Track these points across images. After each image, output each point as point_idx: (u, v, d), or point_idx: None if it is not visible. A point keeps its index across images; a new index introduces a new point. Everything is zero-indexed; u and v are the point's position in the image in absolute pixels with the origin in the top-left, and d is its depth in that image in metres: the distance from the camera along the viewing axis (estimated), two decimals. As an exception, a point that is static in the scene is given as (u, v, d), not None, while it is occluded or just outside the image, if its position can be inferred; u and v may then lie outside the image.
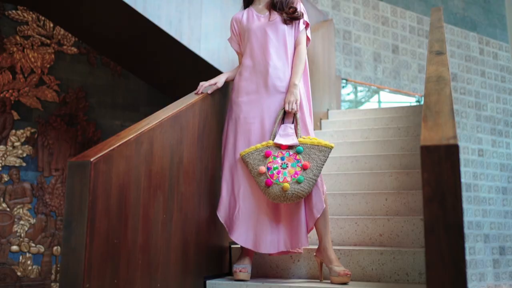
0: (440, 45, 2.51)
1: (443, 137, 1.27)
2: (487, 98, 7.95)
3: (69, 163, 1.52)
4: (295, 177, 2.15)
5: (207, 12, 4.03)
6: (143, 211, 1.78)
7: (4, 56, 4.72)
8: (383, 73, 6.91)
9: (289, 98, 2.26)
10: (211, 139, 2.34)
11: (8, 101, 4.71)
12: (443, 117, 1.44)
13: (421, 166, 1.24)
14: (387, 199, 2.80)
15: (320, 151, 2.20)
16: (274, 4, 2.39)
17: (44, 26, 4.96)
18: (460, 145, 7.00)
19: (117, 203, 1.63)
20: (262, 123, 2.30)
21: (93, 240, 1.53)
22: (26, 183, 4.71)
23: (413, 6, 7.46)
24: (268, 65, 2.33)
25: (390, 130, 3.86)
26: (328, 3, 6.54)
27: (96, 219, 1.54)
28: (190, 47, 3.86)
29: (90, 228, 1.51)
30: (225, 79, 2.46)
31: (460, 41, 7.88)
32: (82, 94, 5.12)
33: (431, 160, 1.23)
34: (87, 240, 1.50)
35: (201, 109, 2.24)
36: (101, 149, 1.58)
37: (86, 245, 1.49)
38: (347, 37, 6.66)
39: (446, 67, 2.02)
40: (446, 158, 1.22)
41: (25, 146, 4.74)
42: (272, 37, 2.36)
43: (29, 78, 4.84)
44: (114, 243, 1.62)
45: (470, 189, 7.30)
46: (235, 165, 2.32)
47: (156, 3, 3.65)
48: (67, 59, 5.07)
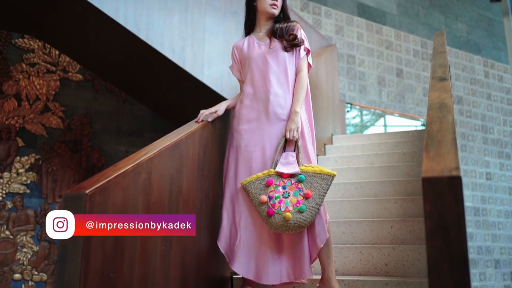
0: (443, 71, 2.48)
1: (445, 168, 1.23)
2: (494, 121, 7.90)
3: (64, 195, 1.50)
4: (297, 206, 2.11)
5: (210, 39, 4.05)
6: (141, 242, 1.74)
7: (10, 84, 4.77)
8: (387, 97, 6.89)
9: (290, 126, 2.24)
10: (212, 168, 2.32)
11: (13, 128, 4.73)
12: (446, 146, 1.40)
13: (423, 199, 1.20)
14: (392, 227, 2.74)
15: (322, 179, 2.16)
16: (274, 31, 2.39)
17: (50, 53, 5.01)
18: (467, 168, 6.95)
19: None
20: (264, 151, 2.28)
21: (87, 274, 1.49)
22: (29, 210, 4.69)
23: (416, 30, 7.49)
24: (269, 92, 2.32)
25: (395, 155, 3.82)
26: (332, 28, 6.58)
27: (91, 251, 1.51)
28: (193, 73, 3.87)
29: (84, 261, 1.48)
30: (226, 107, 2.45)
31: (464, 64, 7.88)
32: (87, 121, 5.14)
33: (433, 193, 1.19)
34: (82, 274, 1.46)
35: (202, 137, 2.22)
36: (97, 181, 1.55)
37: (81, 280, 1.46)
38: (351, 61, 6.68)
39: (449, 94, 1.99)
40: (449, 190, 1.18)
41: (29, 173, 4.74)
42: (273, 65, 2.35)
43: (34, 105, 4.87)
44: (110, 276, 1.59)
45: (479, 214, 7.19)
46: (236, 194, 2.28)
47: (159, 30, 3.67)
48: (72, 86, 5.10)
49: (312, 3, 6.47)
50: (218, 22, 4.17)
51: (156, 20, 3.66)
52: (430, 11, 7.75)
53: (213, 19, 4.11)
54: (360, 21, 6.92)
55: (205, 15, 4.06)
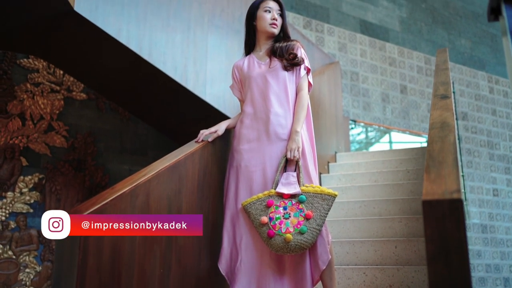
0: (445, 88, 2.46)
1: (446, 190, 1.20)
2: (500, 137, 7.83)
3: (59, 219, 1.48)
4: (298, 227, 2.08)
5: (212, 57, 4.06)
6: (138, 267, 1.71)
7: (14, 103, 4.79)
8: (392, 114, 6.87)
9: (291, 146, 2.22)
10: (212, 188, 2.29)
11: (17, 147, 4.73)
12: (447, 167, 1.37)
13: (424, 222, 1.17)
14: (396, 246, 2.70)
15: (323, 199, 2.13)
16: (274, 50, 2.38)
17: (54, 73, 5.04)
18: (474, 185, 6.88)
19: (109, 259, 1.57)
20: (264, 171, 2.25)
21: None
22: (33, 229, 4.67)
23: (420, 46, 7.49)
24: (269, 112, 2.30)
25: (399, 173, 3.78)
26: (335, 46, 6.59)
27: (86, 277, 1.48)
28: (196, 92, 3.87)
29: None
30: (226, 127, 2.43)
31: (469, 80, 7.85)
32: (91, 139, 5.15)
33: (434, 216, 1.16)
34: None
35: (201, 157, 2.20)
36: (93, 204, 1.53)
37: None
38: (355, 78, 6.68)
39: (451, 112, 1.97)
40: (450, 214, 1.15)
41: (33, 192, 4.73)
42: (273, 84, 2.34)
43: (38, 124, 4.88)
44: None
45: (487, 231, 7.09)
46: (236, 215, 2.25)
47: (161, 49, 3.68)
48: (76, 105, 5.12)
49: (315, 20, 6.50)
50: (221, 41, 4.19)
51: (159, 40, 3.68)
52: (433, 27, 7.76)
53: (216, 38, 4.13)
54: (363, 38, 6.93)
55: (208, 34, 4.08)
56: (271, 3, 2.44)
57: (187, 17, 3.90)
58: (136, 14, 3.55)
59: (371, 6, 7.13)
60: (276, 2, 2.47)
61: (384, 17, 7.23)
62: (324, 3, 6.64)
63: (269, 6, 2.43)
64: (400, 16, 7.40)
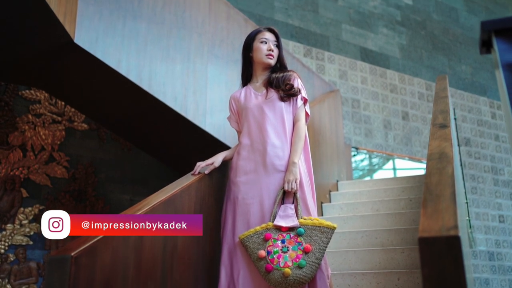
0: (444, 117, 2.44)
1: (443, 227, 1.17)
2: (504, 162, 7.77)
3: (49, 257, 1.44)
4: (297, 261, 2.03)
5: (212, 87, 4.07)
6: (131, 305, 1.67)
7: (15, 135, 4.80)
8: (394, 140, 6.84)
9: (289, 177, 2.19)
10: (209, 221, 2.26)
11: (18, 178, 4.72)
12: (444, 201, 1.34)
13: (420, 261, 1.13)
14: (399, 278, 2.63)
15: (322, 232, 2.09)
16: (271, 81, 2.38)
17: (56, 104, 5.07)
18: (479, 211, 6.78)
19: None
20: (262, 204, 2.22)
21: None
22: (32, 262, 4.62)
23: (420, 73, 7.52)
24: (266, 143, 2.28)
25: (401, 201, 3.73)
26: (335, 73, 6.62)
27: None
28: (195, 122, 3.87)
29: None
30: (223, 158, 2.41)
31: (471, 106, 7.85)
32: (92, 170, 5.14)
33: (430, 254, 1.12)
34: None
35: (198, 190, 2.17)
36: (85, 241, 1.50)
37: None
38: (356, 105, 6.68)
39: (449, 142, 1.94)
40: (448, 252, 1.11)
41: (33, 224, 4.69)
42: (270, 115, 2.32)
43: (39, 155, 4.88)
44: None
45: (494, 258, 6.96)
46: (234, 249, 2.21)
47: (161, 80, 3.70)
48: (77, 135, 5.13)
49: (315, 49, 6.55)
50: (220, 71, 4.20)
51: (159, 70, 3.70)
52: (433, 54, 7.80)
53: (215, 68, 4.15)
54: (364, 65, 6.96)
55: (207, 64, 4.10)
56: (267, 34, 2.45)
57: (187, 47, 3.93)
58: (136, 45, 3.58)
59: (371, 33, 7.19)
60: (272, 33, 2.47)
61: (384, 44, 7.28)
62: (324, 31, 6.70)
63: (265, 37, 2.44)
64: (400, 43, 7.45)
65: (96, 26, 3.33)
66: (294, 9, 6.53)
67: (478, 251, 6.81)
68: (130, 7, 3.58)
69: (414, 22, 7.73)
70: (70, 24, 3.16)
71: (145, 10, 3.67)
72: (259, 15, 6.15)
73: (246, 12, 5.84)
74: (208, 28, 4.13)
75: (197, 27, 4.03)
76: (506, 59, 1.10)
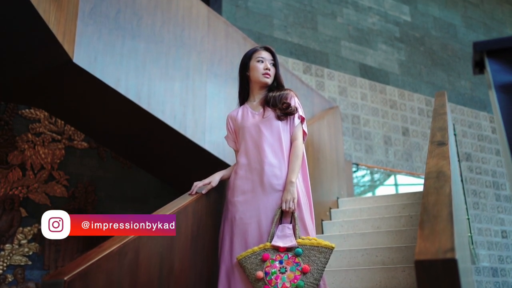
0: (442, 135, 2.43)
1: (440, 249, 1.15)
2: (505, 177, 7.74)
3: (42, 282, 1.43)
4: (295, 282, 2.00)
5: (211, 105, 4.07)
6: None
7: (15, 154, 4.80)
8: (394, 156, 6.82)
9: (286, 197, 2.17)
10: (207, 242, 2.23)
11: (17, 198, 4.70)
12: (441, 222, 1.32)
13: (417, 283, 1.11)
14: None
15: (320, 252, 2.07)
16: (268, 100, 2.38)
17: (56, 123, 5.07)
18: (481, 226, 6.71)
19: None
20: (259, 224, 2.20)
21: None
22: (31, 282, 4.57)
23: (420, 88, 7.53)
24: (263, 162, 2.27)
25: (402, 218, 3.70)
26: (335, 89, 6.63)
27: None
28: (194, 139, 3.86)
29: None
30: (220, 178, 2.40)
31: (471, 121, 7.84)
32: (91, 188, 5.12)
33: (427, 277, 1.10)
34: None
35: (195, 210, 2.16)
36: (78, 265, 1.48)
37: None
38: (356, 121, 6.68)
39: (447, 161, 1.93)
40: (444, 275, 1.09)
41: (32, 244, 4.66)
42: (267, 134, 2.32)
43: (38, 174, 4.87)
44: None
45: (497, 274, 6.88)
46: (231, 270, 2.18)
47: (160, 98, 3.70)
48: (77, 154, 5.12)
49: (315, 65, 6.57)
50: (219, 89, 4.21)
51: (158, 89, 3.70)
52: (432, 70, 7.82)
53: (214, 86, 4.16)
54: (363, 81, 6.98)
55: (206, 82, 4.11)
56: (263, 53, 2.46)
57: (186, 65, 3.94)
58: (135, 64, 3.59)
59: (370, 50, 7.22)
60: (269, 52, 2.48)
61: (384, 61, 7.31)
62: (323, 48, 6.73)
63: (261, 56, 2.44)
64: (399, 59, 7.47)
65: (95, 45, 3.35)
66: (293, 26, 6.57)
67: (481, 267, 6.74)
68: (129, 27, 3.60)
69: (413, 38, 7.76)
70: (69, 44, 3.17)
71: (144, 29, 3.69)
72: (258, 33, 6.19)
73: (245, 30, 5.88)
74: (207, 46, 4.15)
75: (196, 46, 4.05)
76: (499, 80, 1.10)
